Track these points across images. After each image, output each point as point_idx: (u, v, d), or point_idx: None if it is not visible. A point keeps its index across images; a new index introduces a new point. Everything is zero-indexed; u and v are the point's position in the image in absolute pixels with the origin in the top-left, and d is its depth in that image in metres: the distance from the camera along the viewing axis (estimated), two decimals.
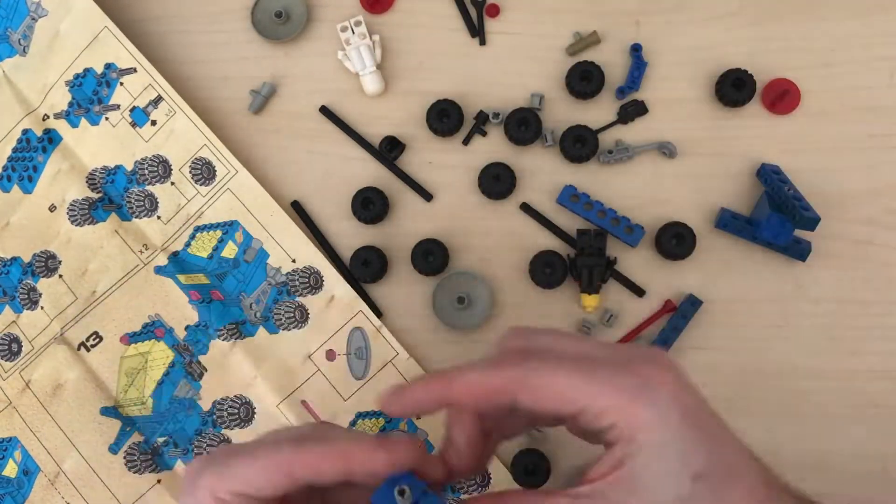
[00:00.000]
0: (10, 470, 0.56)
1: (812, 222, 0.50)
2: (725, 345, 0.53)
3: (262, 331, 0.55)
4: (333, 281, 0.55)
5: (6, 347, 0.57)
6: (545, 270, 0.53)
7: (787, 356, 0.53)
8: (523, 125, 0.55)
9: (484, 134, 0.56)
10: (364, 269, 0.54)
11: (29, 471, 0.55)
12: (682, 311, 0.53)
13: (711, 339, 0.53)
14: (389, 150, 0.56)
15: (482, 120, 0.56)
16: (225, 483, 0.35)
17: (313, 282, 0.55)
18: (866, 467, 0.51)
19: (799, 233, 0.52)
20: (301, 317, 0.55)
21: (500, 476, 0.52)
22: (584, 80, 0.55)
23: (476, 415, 0.37)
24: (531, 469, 0.52)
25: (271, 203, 0.56)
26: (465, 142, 0.56)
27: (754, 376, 0.53)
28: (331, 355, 0.54)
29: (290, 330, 0.55)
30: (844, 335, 0.53)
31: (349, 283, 0.55)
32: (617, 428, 0.32)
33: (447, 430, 0.38)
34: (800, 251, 0.53)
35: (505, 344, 0.37)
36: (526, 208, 0.55)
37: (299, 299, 0.55)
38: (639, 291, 0.54)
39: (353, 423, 0.53)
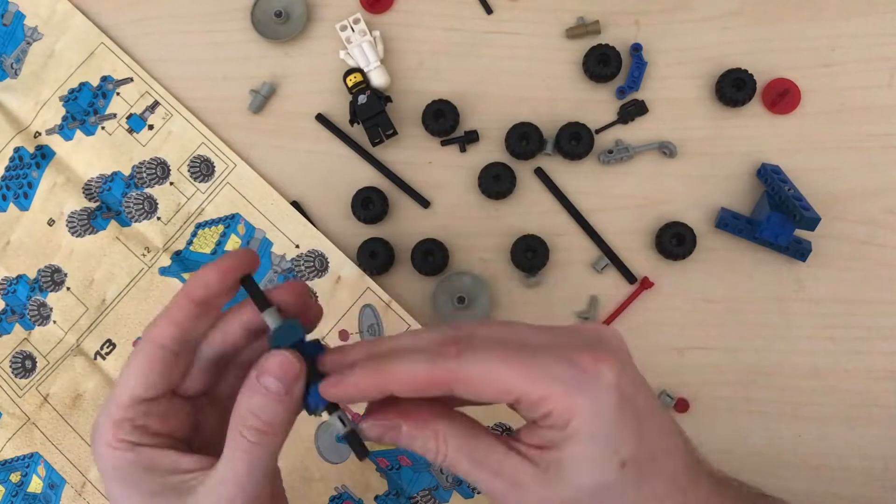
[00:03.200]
0: (36, 486, 0.56)
1: (812, 222, 0.51)
2: (725, 345, 0.53)
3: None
4: (339, 261, 0.55)
5: (20, 365, 0.57)
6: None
7: (787, 356, 0.53)
8: (524, 139, 0.55)
9: (463, 150, 0.56)
10: (371, 261, 0.54)
11: (55, 484, 0.55)
12: None
13: (711, 339, 0.53)
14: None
15: (470, 137, 0.56)
16: (114, 404, 0.36)
17: (318, 265, 0.55)
18: (866, 467, 0.52)
19: (799, 233, 0.52)
20: None
21: None
22: (601, 63, 0.55)
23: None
24: None
25: (271, 192, 0.56)
26: (462, 150, 0.56)
27: (754, 376, 0.53)
28: (343, 335, 0.54)
29: None
30: (844, 335, 0.53)
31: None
32: (552, 416, 0.33)
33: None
34: (800, 251, 0.53)
35: (442, 330, 0.36)
36: (539, 172, 0.55)
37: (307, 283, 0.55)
38: (631, 278, 0.54)
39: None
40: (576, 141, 0.54)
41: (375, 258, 0.54)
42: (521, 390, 0.32)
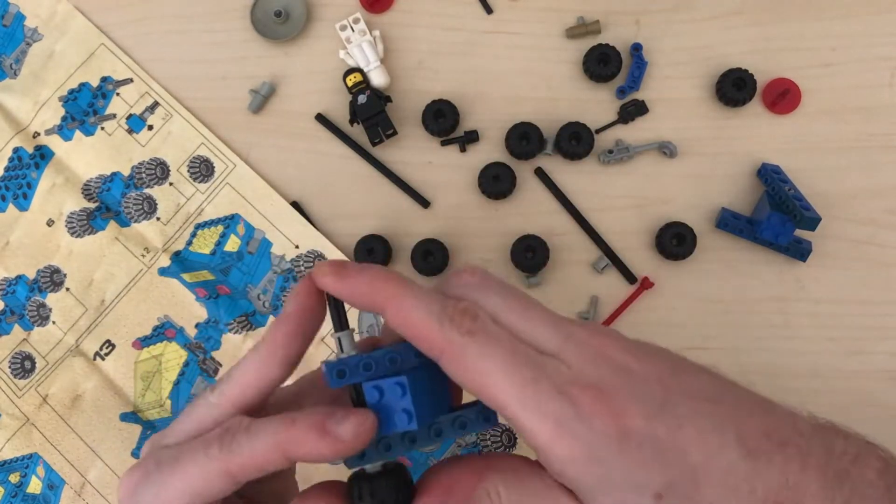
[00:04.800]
0: (35, 486, 0.56)
1: (813, 222, 0.51)
2: (726, 345, 0.53)
3: (271, 320, 0.55)
4: None
5: (19, 365, 0.57)
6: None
7: (787, 356, 0.53)
8: (524, 139, 0.55)
9: (463, 150, 0.56)
10: (368, 258, 0.54)
11: (54, 485, 0.55)
12: None
13: (711, 339, 0.53)
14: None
15: (470, 137, 0.56)
16: (163, 501, 0.32)
17: None
18: None
19: (799, 233, 0.52)
20: None
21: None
22: (601, 63, 0.55)
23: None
24: None
25: (270, 192, 0.56)
26: (462, 149, 0.56)
27: (754, 376, 0.53)
28: None
29: None
30: (844, 335, 0.53)
31: None
32: (540, 451, 0.30)
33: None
34: (800, 251, 0.53)
35: (451, 292, 0.34)
36: (539, 172, 0.55)
37: None
38: (631, 278, 0.54)
39: None
40: (576, 141, 0.54)
41: (373, 255, 0.54)
42: (512, 412, 0.30)
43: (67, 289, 0.57)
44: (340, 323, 0.33)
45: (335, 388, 0.31)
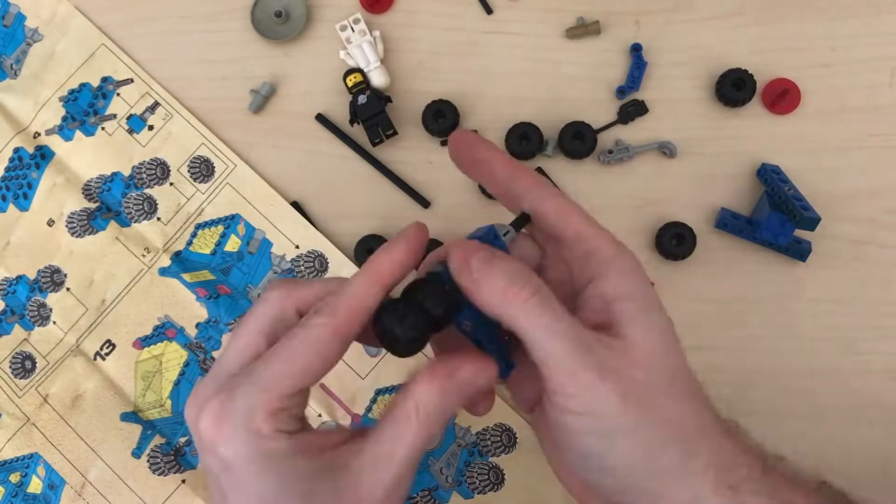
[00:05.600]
0: (35, 486, 0.56)
1: (812, 222, 0.51)
2: (725, 345, 0.53)
3: None
4: (338, 262, 0.55)
5: (20, 365, 0.57)
6: None
7: (787, 356, 0.53)
8: (524, 139, 0.55)
9: None
10: (368, 258, 0.54)
11: (55, 485, 0.55)
12: None
13: (711, 339, 0.53)
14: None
15: None
16: (272, 391, 0.32)
17: (318, 265, 0.55)
18: (866, 467, 0.52)
19: (799, 233, 0.52)
20: None
21: (538, 444, 0.52)
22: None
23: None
24: None
25: (271, 192, 0.56)
26: None
27: (754, 376, 0.53)
28: None
29: None
30: (844, 335, 0.53)
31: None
32: (596, 255, 0.35)
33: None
34: (800, 251, 0.53)
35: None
36: (540, 172, 0.55)
37: None
38: None
39: (372, 401, 0.54)
40: (579, 140, 0.54)
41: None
42: (583, 229, 0.35)
43: (68, 289, 0.57)
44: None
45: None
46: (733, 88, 0.54)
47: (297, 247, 0.56)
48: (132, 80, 0.59)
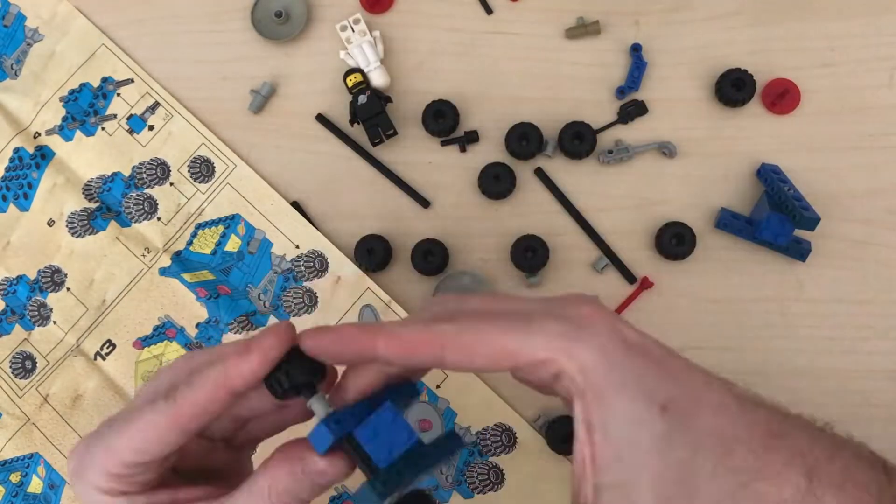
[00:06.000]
0: (36, 486, 0.56)
1: (812, 222, 0.51)
2: (726, 345, 0.53)
3: (272, 320, 0.55)
4: (338, 262, 0.55)
5: (20, 365, 0.57)
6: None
7: (787, 356, 0.53)
8: (524, 139, 0.55)
9: (463, 150, 0.56)
10: (368, 257, 0.54)
11: (55, 485, 0.55)
12: None
13: (712, 339, 0.53)
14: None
15: (470, 137, 0.56)
16: (114, 456, 0.34)
17: (318, 265, 0.55)
18: None
19: (799, 233, 0.52)
20: (310, 301, 0.55)
21: (538, 444, 0.52)
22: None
23: (379, 376, 0.35)
24: (566, 437, 0.51)
25: (271, 192, 0.56)
26: (462, 150, 0.56)
27: (754, 376, 0.53)
28: None
29: (300, 315, 0.55)
30: (844, 335, 0.53)
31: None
32: (564, 376, 0.31)
33: (343, 376, 0.36)
34: (800, 251, 0.53)
35: (430, 309, 0.35)
36: (539, 172, 0.55)
37: (306, 284, 0.55)
38: (631, 278, 0.54)
39: None
40: (579, 140, 0.54)
41: (373, 255, 0.54)
42: (521, 351, 0.31)
43: (68, 289, 0.57)
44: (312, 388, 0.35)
45: (326, 448, 0.33)
46: (733, 88, 0.54)
47: (298, 247, 0.56)
48: (132, 81, 0.59)
